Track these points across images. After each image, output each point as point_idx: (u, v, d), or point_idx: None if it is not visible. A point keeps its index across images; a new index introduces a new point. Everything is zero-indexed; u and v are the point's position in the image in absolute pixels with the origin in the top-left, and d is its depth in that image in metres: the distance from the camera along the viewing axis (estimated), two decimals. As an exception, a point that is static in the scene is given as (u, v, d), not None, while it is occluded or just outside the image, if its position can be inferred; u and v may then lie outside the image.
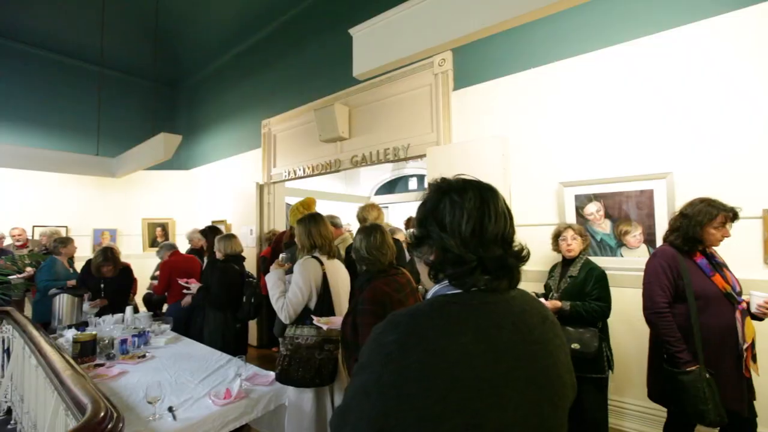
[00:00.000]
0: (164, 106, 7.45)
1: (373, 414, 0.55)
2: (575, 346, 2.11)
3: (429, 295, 0.71)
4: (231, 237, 3.32)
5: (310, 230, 2.17)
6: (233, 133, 5.98)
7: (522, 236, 0.71)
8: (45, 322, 3.91)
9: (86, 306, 3.42)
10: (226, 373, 2.21)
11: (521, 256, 0.71)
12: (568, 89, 2.77)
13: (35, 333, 2.19)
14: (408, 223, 3.94)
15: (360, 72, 2.52)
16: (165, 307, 4.20)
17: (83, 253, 5.61)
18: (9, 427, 2.64)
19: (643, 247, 2.45)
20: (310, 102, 4.59)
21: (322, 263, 2.15)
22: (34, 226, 5.65)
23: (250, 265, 4.45)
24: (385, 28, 2.47)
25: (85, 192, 6.29)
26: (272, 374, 2.11)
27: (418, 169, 7.21)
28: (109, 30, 5.62)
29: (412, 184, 7.71)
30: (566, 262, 2.36)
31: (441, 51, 2.70)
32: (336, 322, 1.88)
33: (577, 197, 2.68)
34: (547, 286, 2.44)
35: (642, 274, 1.93)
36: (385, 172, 7.62)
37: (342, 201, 7.16)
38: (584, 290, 2.20)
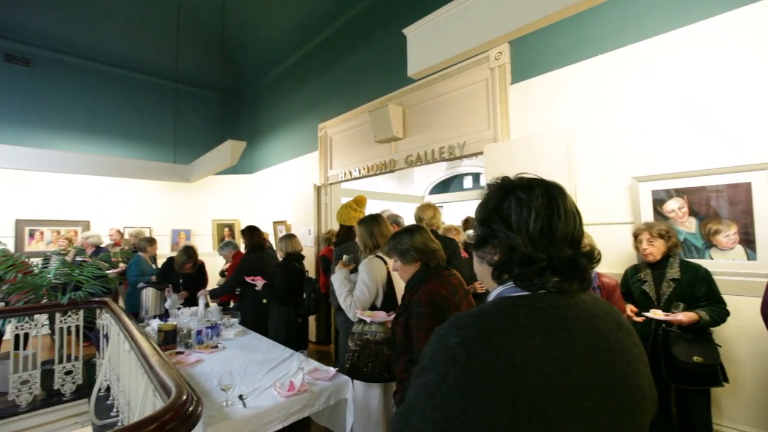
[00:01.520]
0: (230, 114, 8.02)
1: (438, 416, 0.54)
2: (697, 359, 1.95)
3: (491, 297, 0.69)
4: (291, 237, 3.49)
5: (372, 230, 2.22)
6: (292, 138, 6.26)
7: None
8: (134, 312, 4.40)
9: (174, 297, 3.78)
10: (289, 366, 2.32)
11: (592, 257, 0.67)
12: (642, 74, 2.53)
13: (128, 321, 2.46)
14: (466, 223, 3.80)
15: (415, 71, 2.51)
16: (232, 303, 4.52)
17: (163, 251, 6.22)
18: (108, 402, 3.00)
19: (739, 249, 2.16)
20: (364, 104, 4.66)
21: (385, 262, 2.19)
22: (125, 227, 6.37)
23: (309, 265, 4.62)
24: (439, 25, 2.44)
25: (164, 196, 6.97)
26: (332, 370, 2.18)
27: (473, 168, 7.02)
28: (183, 50, 6.22)
29: (467, 182, 7.52)
30: (655, 265, 2.15)
31: (498, 44, 2.61)
32: (379, 316, 1.91)
33: (654, 193, 2.43)
34: (636, 292, 2.21)
35: (738, 278, 1.72)
36: (439, 171, 7.51)
37: (396, 201, 7.19)
38: (693, 293, 2.02)
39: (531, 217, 0.63)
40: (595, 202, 2.70)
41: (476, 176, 7.35)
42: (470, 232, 0.78)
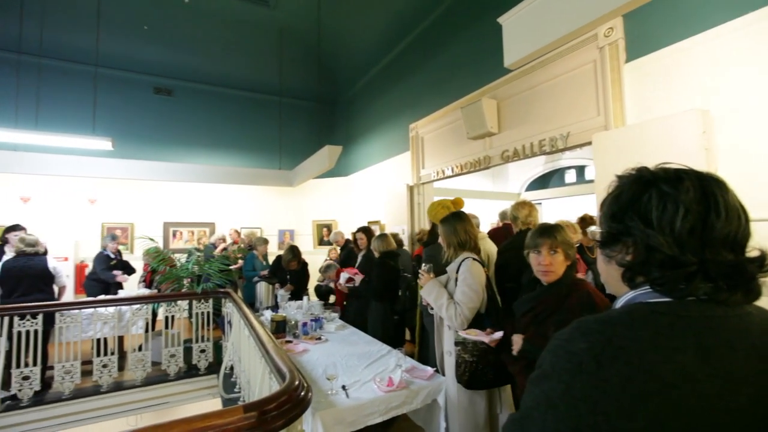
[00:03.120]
0: (326, 121, 8.60)
1: (562, 428, 0.49)
2: None
3: (620, 302, 0.61)
4: (384, 236, 3.61)
5: (455, 227, 2.14)
6: (384, 139, 6.45)
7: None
8: (250, 302, 4.99)
9: (282, 290, 4.22)
10: (388, 362, 2.38)
11: (763, 264, 0.55)
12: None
13: (247, 311, 2.79)
14: (583, 221, 3.41)
15: (512, 61, 2.37)
16: (332, 298, 4.83)
17: (271, 249, 6.94)
18: (232, 380, 3.45)
19: None
20: (455, 101, 4.57)
21: (483, 265, 2.10)
22: (241, 228, 7.27)
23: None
24: (539, 7, 2.27)
25: (271, 199, 7.78)
26: (430, 369, 2.18)
27: (577, 160, 6.37)
28: (285, 67, 6.93)
29: (570, 177, 6.85)
30: None
31: (609, 20, 2.32)
32: (484, 337, 1.76)
33: (837, 181, 1.90)
34: None
35: None
36: (537, 166, 6.98)
37: (489, 199, 6.91)
38: None
39: (678, 214, 0.54)
40: (744, 194, 2.21)
41: (581, 169, 6.66)
42: (593, 228, 0.70)
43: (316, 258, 6.75)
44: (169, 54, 6.80)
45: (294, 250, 4.53)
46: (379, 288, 3.27)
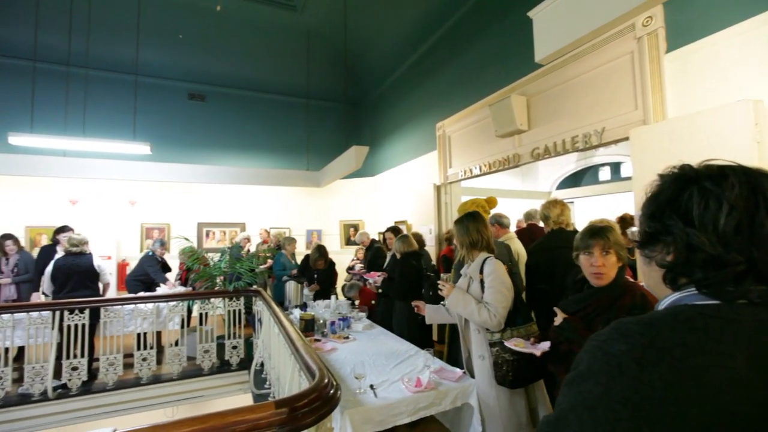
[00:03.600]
0: (352, 122, 8.66)
1: (599, 431, 0.48)
2: None
3: (663, 304, 0.58)
4: (405, 237, 3.62)
5: (468, 227, 2.12)
6: (411, 139, 6.43)
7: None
8: (280, 301, 5.10)
9: (307, 289, 4.29)
10: (416, 362, 2.36)
11: None
12: None
13: (277, 309, 2.85)
14: (623, 221, 3.26)
15: (544, 56, 2.30)
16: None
17: (300, 248, 7.06)
18: (262, 376, 3.54)
19: None
20: (482, 98, 4.49)
21: (504, 263, 2.06)
22: (270, 227, 7.45)
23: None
24: (572, -2, 2.18)
25: (299, 199, 7.92)
26: (459, 371, 2.14)
27: (611, 157, 6.10)
28: (312, 70, 7.03)
29: (604, 174, 6.58)
30: None
31: (649, 8, 2.20)
32: (533, 349, 1.71)
33: None
34: None
35: None
36: (568, 164, 6.74)
37: (519, 198, 6.74)
38: None
39: (722, 211, 0.52)
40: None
41: (616, 166, 6.39)
42: (633, 229, 0.68)
43: (343, 258, 6.81)
44: (203, 61, 7.07)
45: (321, 250, 4.59)
46: (403, 288, 3.27)
